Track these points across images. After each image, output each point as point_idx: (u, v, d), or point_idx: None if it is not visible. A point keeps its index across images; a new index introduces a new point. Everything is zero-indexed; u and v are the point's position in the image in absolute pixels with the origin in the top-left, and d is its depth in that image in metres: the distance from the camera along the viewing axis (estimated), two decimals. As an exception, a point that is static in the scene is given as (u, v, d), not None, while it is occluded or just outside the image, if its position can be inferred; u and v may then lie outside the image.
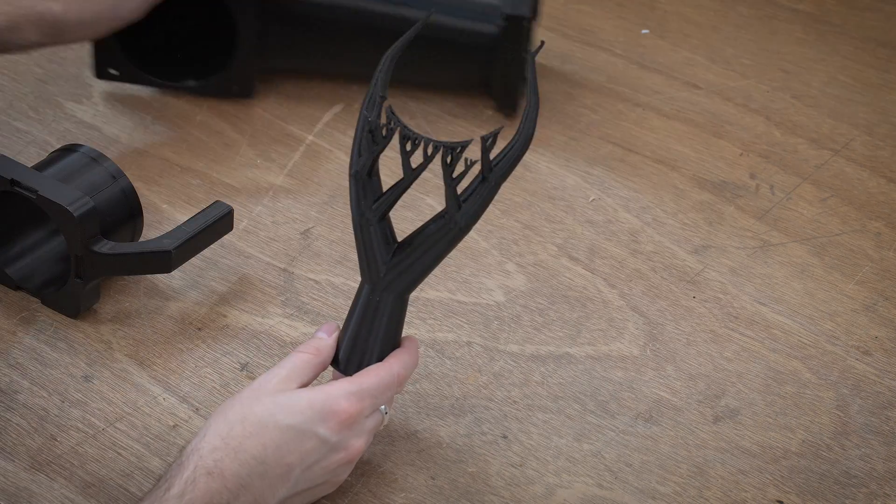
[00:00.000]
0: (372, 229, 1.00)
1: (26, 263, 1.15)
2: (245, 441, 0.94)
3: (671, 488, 1.03)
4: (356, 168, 1.00)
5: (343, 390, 0.97)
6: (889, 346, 1.14)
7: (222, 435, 0.94)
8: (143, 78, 1.35)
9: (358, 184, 1.00)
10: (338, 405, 0.96)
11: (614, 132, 1.35)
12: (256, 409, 0.95)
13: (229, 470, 0.93)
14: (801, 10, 1.52)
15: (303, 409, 0.96)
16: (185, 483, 0.92)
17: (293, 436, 0.95)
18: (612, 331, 1.15)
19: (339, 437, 0.97)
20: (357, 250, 1.01)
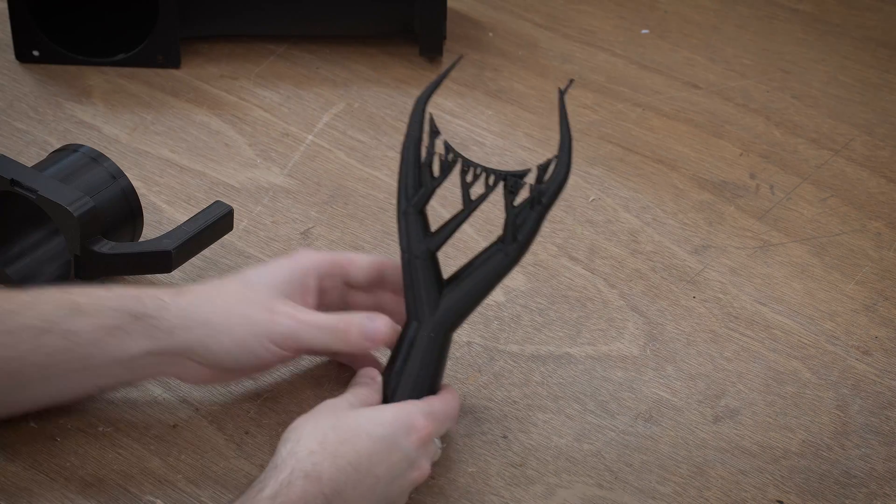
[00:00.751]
0: (420, 263, 1.00)
1: (26, 263, 1.15)
2: (340, 447, 0.93)
3: (671, 488, 1.03)
4: (411, 203, 1.00)
5: (419, 409, 0.97)
6: (889, 346, 1.14)
7: (319, 440, 0.93)
8: (65, 56, 1.37)
9: (408, 220, 1.00)
10: (418, 421, 0.96)
11: (614, 132, 1.35)
12: (345, 419, 0.95)
13: (327, 474, 0.92)
14: (801, 10, 1.52)
15: (390, 422, 0.95)
16: (280, 485, 0.91)
17: (383, 446, 0.94)
18: (612, 331, 1.15)
19: (417, 453, 0.96)
20: (405, 287, 1.01)
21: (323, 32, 1.43)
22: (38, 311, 0.98)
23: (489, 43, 1.45)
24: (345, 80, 1.40)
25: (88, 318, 0.98)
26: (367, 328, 1.01)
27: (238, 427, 1.05)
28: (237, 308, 0.99)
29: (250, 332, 0.99)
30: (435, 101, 1.37)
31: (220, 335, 0.99)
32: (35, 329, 0.97)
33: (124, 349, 0.98)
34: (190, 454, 1.03)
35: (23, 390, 0.99)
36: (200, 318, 0.99)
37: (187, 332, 0.99)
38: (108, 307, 0.98)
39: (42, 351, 0.97)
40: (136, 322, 0.98)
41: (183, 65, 1.40)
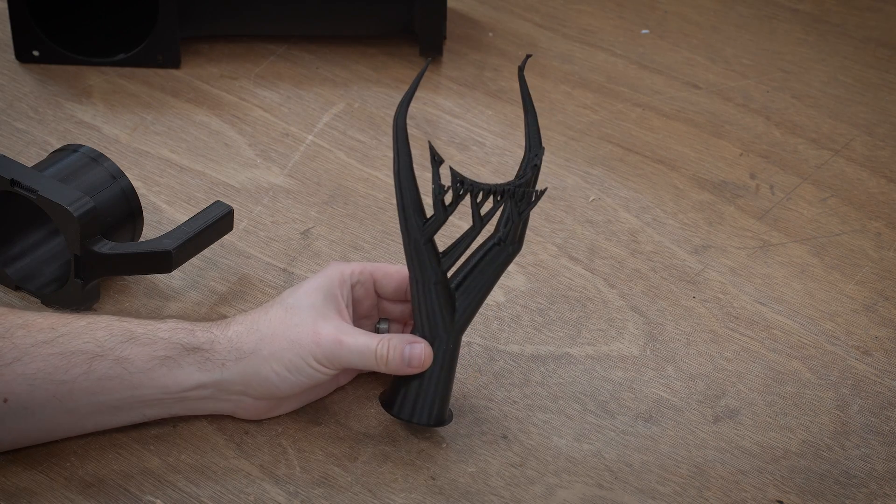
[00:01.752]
0: (438, 288, 1.01)
1: (26, 263, 1.15)
2: None
3: (671, 488, 1.03)
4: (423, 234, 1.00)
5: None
6: (889, 346, 1.14)
7: None
8: (65, 56, 1.37)
9: (421, 250, 1.01)
10: None
11: (614, 132, 1.35)
12: None
13: None
14: (801, 10, 1.52)
15: None
16: None
17: None
18: (612, 331, 1.15)
19: None
20: (419, 309, 1.02)
21: (323, 32, 1.43)
22: (92, 336, 1.00)
23: (489, 43, 1.45)
24: (345, 80, 1.40)
25: (141, 347, 1.00)
26: (406, 354, 1.02)
27: (238, 427, 1.05)
28: (283, 333, 1.01)
29: (298, 355, 1.01)
30: (435, 102, 1.37)
31: (269, 362, 1.01)
32: (88, 353, 0.99)
33: (175, 380, 1.01)
34: (190, 454, 1.03)
35: (69, 416, 1.01)
36: (249, 349, 1.01)
37: (238, 364, 1.01)
38: (161, 338, 1.01)
39: (93, 376, 0.99)
40: (189, 355, 1.01)
41: (183, 65, 1.40)
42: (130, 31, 1.39)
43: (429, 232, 1.00)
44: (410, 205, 1.00)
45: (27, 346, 0.98)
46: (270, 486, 1.01)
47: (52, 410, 0.99)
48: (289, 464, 1.03)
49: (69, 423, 1.01)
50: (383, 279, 1.06)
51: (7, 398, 0.98)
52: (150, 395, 1.01)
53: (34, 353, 0.98)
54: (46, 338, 0.99)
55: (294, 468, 1.03)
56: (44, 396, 0.98)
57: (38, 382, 0.98)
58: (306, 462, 1.03)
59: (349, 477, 1.02)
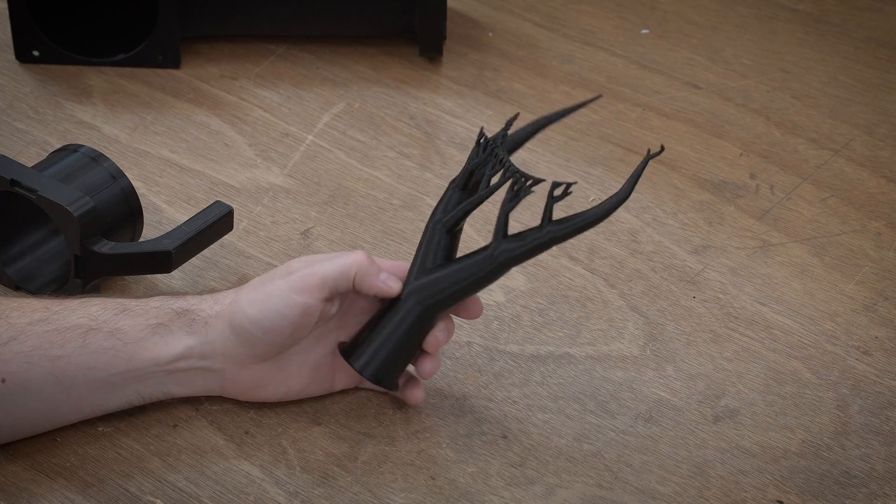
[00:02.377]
0: (439, 230, 1.02)
1: (26, 263, 1.15)
2: None
3: (671, 488, 1.03)
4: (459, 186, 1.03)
5: None
6: (889, 346, 1.14)
7: None
8: (65, 56, 1.37)
9: (450, 192, 1.03)
10: None
11: (614, 132, 1.35)
12: None
13: None
14: (801, 10, 1.52)
15: None
16: None
17: None
18: (612, 331, 1.15)
19: None
20: (417, 251, 1.03)
21: (323, 32, 1.43)
22: (86, 311, 1.01)
23: (489, 43, 1.45)
24: (345, 80, 1.40)
25: (135, 317, 1.01)
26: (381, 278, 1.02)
27: (238, 427, 1.05)
28: (259, 282, 1.02)
29: (268, 292, 1.01)
30: (435, 102, 1.37)
31: (246, 306, 1.01)
32: (83, 328, 1.00)
33: (167, 347, 1.01)
34: (190, 454, 1.03)
35: (67, 396, 1.01)
36: (228, 300, 1.03)
37: (218, 318, 1.02)
38: (152, 306, 1.02)
39: (88, 349, 1.00)
40: (178, 318, 1.02)
41: (183, 65, 1.40)
42: (130, 31, 1.39)
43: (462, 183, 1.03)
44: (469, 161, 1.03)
45: (23, 325, 0.99)
46: (270, 486, 1.01)
47: (49, 389, 1.00)
48: (289, 464, 1.03)
49: (67, 406, 1.01)
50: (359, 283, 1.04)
51: (5, 378, 0.99)
52: (143, 368, 1.01)
53: (30, 331, 0.99)
54: (41, 316, 1.00)
55: (294, 468, 1.03)
56: (40, 374, 0.99)
57: (34, 359, 0.99)
58: (306, 462, 1.03)
59: (349, 477, 1.02)
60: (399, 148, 1.32)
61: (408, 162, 1.31)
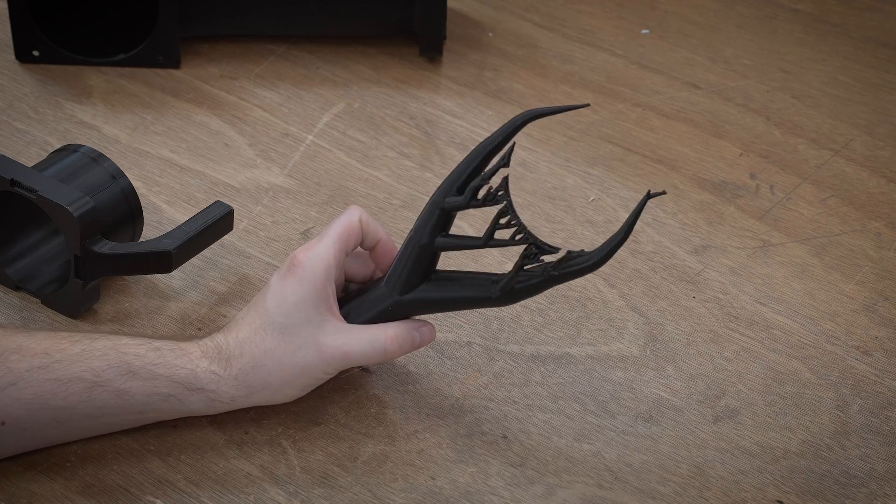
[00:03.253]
0: (420, 251, 1.02)
1: (26, 263, 1.15)
2: None
3: (671, 488, 1.03)
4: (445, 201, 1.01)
5: None
6: (889, 346, 1.14)
7: None
8: (65, 56, 1.37)
9: (433, 212, 1.02)
10: None
11: (614, 132, 1.35)
12: None
13: None
14: (801, 10, 1.52)
15: None
16: None
17: None
18: (612, 331, 1.15)
19: None
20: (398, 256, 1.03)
21: (323, 32, 1.43)
22: (88, 365, 1.00)
23: (489, 43, 1.45)
24: (345, 80, 1.40)
25: (141, 382, 1.00)
26: (416, 340, 1.04)
27: (238, 427, 1.05)
28: (288, 362, 1.02)
29: (309, 377, 1.02)
30: (435, 102, 1.37)
31: (283, 389, 1.03)
32: (87, 382, 0.99)
33: (181, 411, 1.02)
34: (190, 454, 1.03)
35: (69, 435, 1.02)
36: (259, 385, 1.02)
37: (248, 399, 1.02)
38: (160, 374, 1.00)
39: (93, 404, 1.00)
40: (193, 394, 1.01)
41: (183, 65, 1.40)
42: (130, 32, 1.39)
43: (449, 203, 1.01)
44: (456, 173, 1.02)
45: (22, 371, 0.98)
46: (270, 486, 1.01)
47: (52, 432, 1.00)
48: (289, 464, 1.03)
49: (69, 437, 1.02)
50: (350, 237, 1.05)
51: (5, 421, 0.98)
52: (154, 419, 1.03)
53: (30, 378, 0.98)
54: (42, 363, 0.99)
55: (294, 468, 1.03)
56: (42, 419, 0.99)
57: (35, 407, 0.98)
58: (306, 462, 1.03)
59: (349, 477, 1.02)
60: (399, 148, 1.32)
61: (408, 162, 1.31)
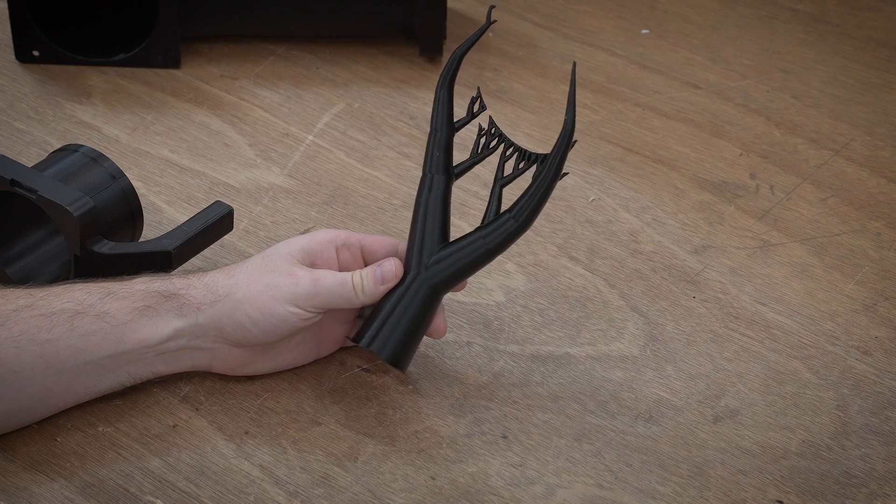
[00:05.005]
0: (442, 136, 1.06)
1: (26, 263, 1.15)
2: None
3: (671, 488, 1.03)
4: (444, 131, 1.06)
5: None
6: (889, 346, 1.14)
7: None
8: (65, 56, 1.37)
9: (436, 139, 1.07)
10: None
11: (614, 132, 1.35)
12: None
13: None
14: (801, 10, 1.52)
15: None
16: None
17: None
18: (612, 331, 1.15)
19: None
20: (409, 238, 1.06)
21: (323, 32, 1.43)
22: (70, 296, 1.02)
23: (489, 43, 1.45)
24: (345, 80, 1.40)
25: (120, 301, 1.02)
26: (378, 274, 1.04)
27: (238, 427, 1.05)
28: (258, 277, 1.03)
29: (272, 297, 1.03)
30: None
31: (243, 304, 1.03)
32: (69, 311, 1.01)
33: (155, 329, 1.02)
34: (190, 454, 1.03)
35: (58, 379, 1.02)
36: (223, 292, 1.03)
37: (212, 307, 1.03)
38: (138, 289, 1.03)
39: (76, 332, 1.01)
40: (166, 301, 1.03)
41: (183, 65, 1.40)
42: (130, 31, 1.39)
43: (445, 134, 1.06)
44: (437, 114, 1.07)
45: (8, 312, 1.00)
46: (270, 486, 1.01)
47: (40, 373, 1.01)
48: (289, 464, 1.03)
49: (60, 388, 1.02)
50: (372, 245, 1.08)
51: None
52: (133, 350, 1.03)
53: (16, 317, 1.00)
54: (26, 302, 1.01)
55: (294, 468, 1.03)
56: (30, 358, 1.00)
57: (22, 343, 0.99)
58: (306, 462, 1.03)
59: (349, 477, 1.02)
60: (399, 148, 1.32)
61: (408, 162, 1.31)
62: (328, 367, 1.10)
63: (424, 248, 1.05)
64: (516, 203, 1.05)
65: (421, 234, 1.06)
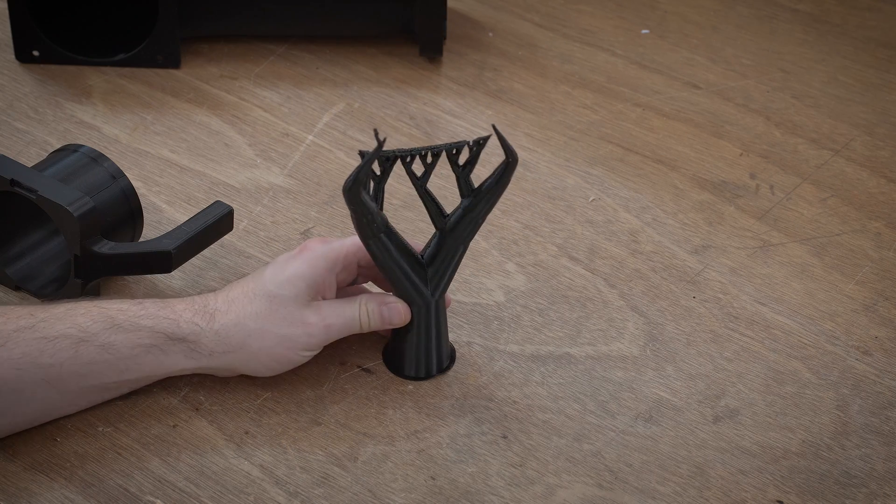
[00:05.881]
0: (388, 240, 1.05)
1: (26, 263, 1.15)
2: None
3: (671, 488, 1.03)
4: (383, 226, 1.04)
5: None
6: (889, 346, 1.14)
7: None
8: (65, 56, 1.37)
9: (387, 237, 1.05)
10: None
11: (614, 132, 1.35)
12: None
13: None
14: (801, 10, 1.52)
15: None
16: None
17: None
18: (612, 331, 1.15)
19: None
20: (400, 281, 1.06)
21: (323, 32, 1.43)
22: (73, 321, 1.01)
23: (489, 43, 1.45)
24: (345, 80, 1.40)
25: (125, 334, 1.02)
26: (385, 315, 1.06)
27: (238, 427, 1.05)
28: (271, 329, 1.04)
29: (287, 349, 1.04)
30: (435, 102, 1.37)
31: (259, 356, 1.04)
32: (73, 338, 1.00)
33: (162, 365, 1.03)
34: (190, 454, 1.03)
35: (61, 397, 1.02)
36: (237, 343, 1.03)
37: (226, 356, 1.04)
38: (144, 326, 1.02)
39: (80, 360, 1.00)
40: (174, 344, 1.03)
41: (183, 65, 1.40)
42: (130, 31, 1.39)
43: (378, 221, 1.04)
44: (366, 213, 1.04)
45: (9, 332, 1.00)
46: (270, 486, 1.01)
47: (42, 393, 1.01)
48: (289, 464, 1.03)
49: (62, 403, 1.03)
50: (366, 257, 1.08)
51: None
52: (137, 378, 1.04)
53: (17, 337, 1.00)
54: (27, 323, 1.00)
55: (294, 468, 1.03)
56: (32, 380, 1.00)
57: (24, 366, 0.99)
58: (306, 462, 1.03)
59: (349, 477, 1.02)
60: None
61: (408, 162, 1.31)
62: (328, 367, 1.10)
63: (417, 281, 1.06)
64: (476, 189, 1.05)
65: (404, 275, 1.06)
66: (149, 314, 1.03)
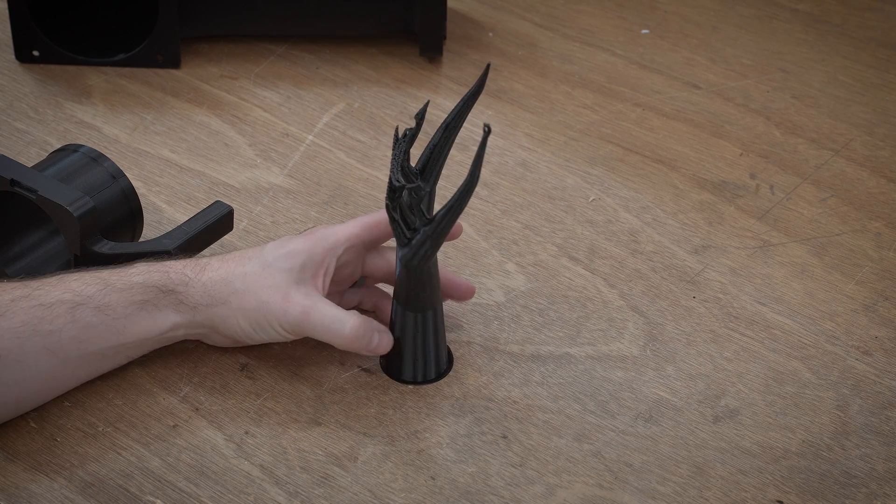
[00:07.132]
0: None
1: (26, 263, 1.15)
2: None
3: (671, 488, 1.03)
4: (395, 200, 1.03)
5: None
6: (889, 346, 1.14)
7: None
8: (65, 56, 1.38)
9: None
10: None
11: (614, 132, 1.35)
12: None
13: None
14: (801, 10, 1.52)
15: None
16: None
17: None
18: (612, 331, 1.15)
19: None
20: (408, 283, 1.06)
21: (323, 32, 1.43)
22: (68, 286, 1.03)
23: (489, 43, 1.45)
24: (345, 80, 1.40)
25: (119, 294, 1.03)
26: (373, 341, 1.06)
27: (238, 427, 1.05)
28: (254, 292, 1.05)
29: (264, 316, 1.05)
30: (435, 102, 1.37)
31: (237, 315, 1.05)
32: (70, 303, 1.02)
33: (155, 323, 1.05)
34: (190, 454, 1.03)
35: (63, 367, 1.03)
36: (220, 298, 1.05)
37: (208, 310, 1.05)
38: (136, 283, 1.04)
39: (78, 324, 1.02)
40: (164, 296, 1.04)
41: (183, 65, 1.40)
42: (130, 31, 1.39)
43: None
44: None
45: (7, 302, 1.01)
46: (270, 486, 1.01)
47: (44, 362, 1.02)
48: (289, 464, 1.03)
49: (63, 375, 1.04)
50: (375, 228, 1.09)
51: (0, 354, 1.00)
52: (134, 341, 1.05)
53: (15, 307, 1.01)
54: (23, 293, 1.02)
55: (294, 468, 1.03)
56: (33, 348, 1.01)
57: (25, 334, 1.00)
58: (306, 462, 1.03)
59: (349, 477, 1.02)
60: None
61: (408, 162, 1.31)
62: (328, 367, 1.10)
63: None
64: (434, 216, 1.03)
65: None
66: (139, 270, 1.05)
